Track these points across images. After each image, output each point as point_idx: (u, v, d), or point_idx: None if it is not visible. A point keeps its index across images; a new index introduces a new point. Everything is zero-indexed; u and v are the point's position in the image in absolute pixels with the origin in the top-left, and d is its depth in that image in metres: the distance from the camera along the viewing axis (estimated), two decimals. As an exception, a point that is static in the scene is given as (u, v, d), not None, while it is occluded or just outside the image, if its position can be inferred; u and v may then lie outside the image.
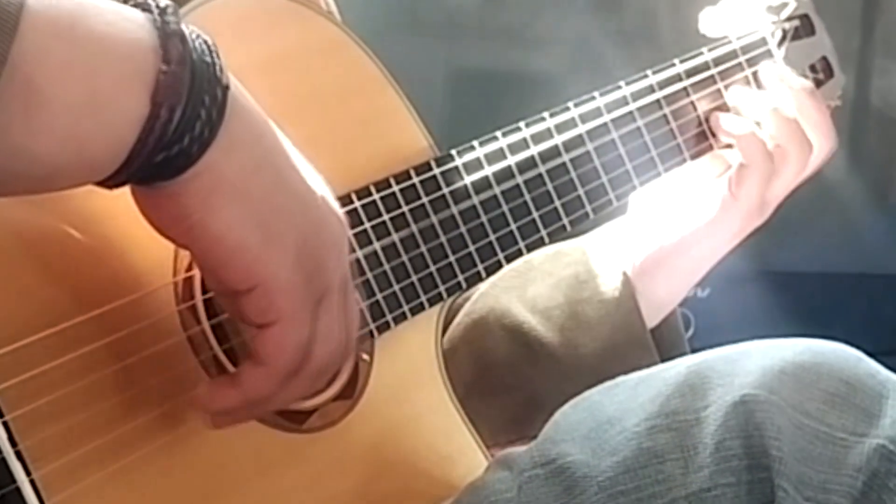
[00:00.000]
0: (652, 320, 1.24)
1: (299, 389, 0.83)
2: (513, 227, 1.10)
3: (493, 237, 1.08)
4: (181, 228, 0.76)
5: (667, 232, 1.25)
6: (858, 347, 0.93)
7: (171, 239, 0.78)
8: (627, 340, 1.22)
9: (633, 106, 1.19)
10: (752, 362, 0.91)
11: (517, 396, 1.22)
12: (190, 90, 0.71)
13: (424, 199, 1.04)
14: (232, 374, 0.82)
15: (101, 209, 0.84)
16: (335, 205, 0.83)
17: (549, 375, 1.22)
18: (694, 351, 0.97)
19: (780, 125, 1.22)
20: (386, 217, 1.01)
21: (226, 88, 0.74)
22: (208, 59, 0.73)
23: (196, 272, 0.90)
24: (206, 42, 0.74)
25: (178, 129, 0.71)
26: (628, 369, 1.19)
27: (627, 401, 0.94)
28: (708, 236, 1.24)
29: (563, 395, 1.21)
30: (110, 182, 0.73)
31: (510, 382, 1.21)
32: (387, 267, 1.01)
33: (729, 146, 1.25)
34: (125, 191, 0.76)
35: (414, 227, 1.03)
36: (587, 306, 1.23)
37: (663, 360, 1.20)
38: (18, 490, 0.77)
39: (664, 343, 1.24)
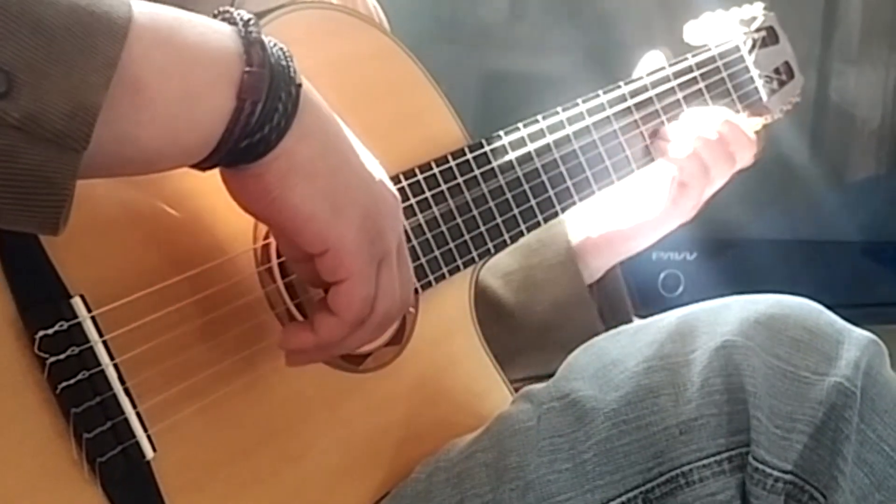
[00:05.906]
0: (588, 281, 1.24)
1: (364, 337, 0.82)
2: (532, 202, 1.08)
3: (516, 211, 1.07)
4: (263, 203, 0.75)
5: (624, 219, 1.25)
6: (819, 301, 0.93)
7: (254, 214, 0.78)
8: (571, 300, 1.22)
9: (630, 102, 1.18)
10: (732, 314, 0.91)
11: (493, 348, 1.21)
12: (269, 88, 0.71)
13: (460, 179, 1.03)
14: (309, 321, 0.82)
15: (192, 189, 0.84)
16: (390, 184, 0.82)
17: (509, 331, 1.22)
18: (683, 304, 0.96)
19: (708, 148, 1.21)
20: (428, 194, 1.01)
21: (299, 86, 0.73)
22: (284, 62, 0.73)
23: (272, 240, 0.89)
24: (282, 49, 0.74)
25: (259, 120, 0.71)
26: (573, 323, 1.20)
27: (628, 345, 0.93)
28: (651, 230, 1.25)
29: (518, 348, 1.20)
30: (203, 165, 0.73)
31: (486, 337, 1.20)
32: (429, 235, 1.00)
33: None
34: (213, 174, 0.75)
35: (451, 203, 1.02)
36: (538, 271, 1.23)
37: (608, 302, 1.25)
38: (126, 420, 0.77)
39: (605, 291, 1.26)
